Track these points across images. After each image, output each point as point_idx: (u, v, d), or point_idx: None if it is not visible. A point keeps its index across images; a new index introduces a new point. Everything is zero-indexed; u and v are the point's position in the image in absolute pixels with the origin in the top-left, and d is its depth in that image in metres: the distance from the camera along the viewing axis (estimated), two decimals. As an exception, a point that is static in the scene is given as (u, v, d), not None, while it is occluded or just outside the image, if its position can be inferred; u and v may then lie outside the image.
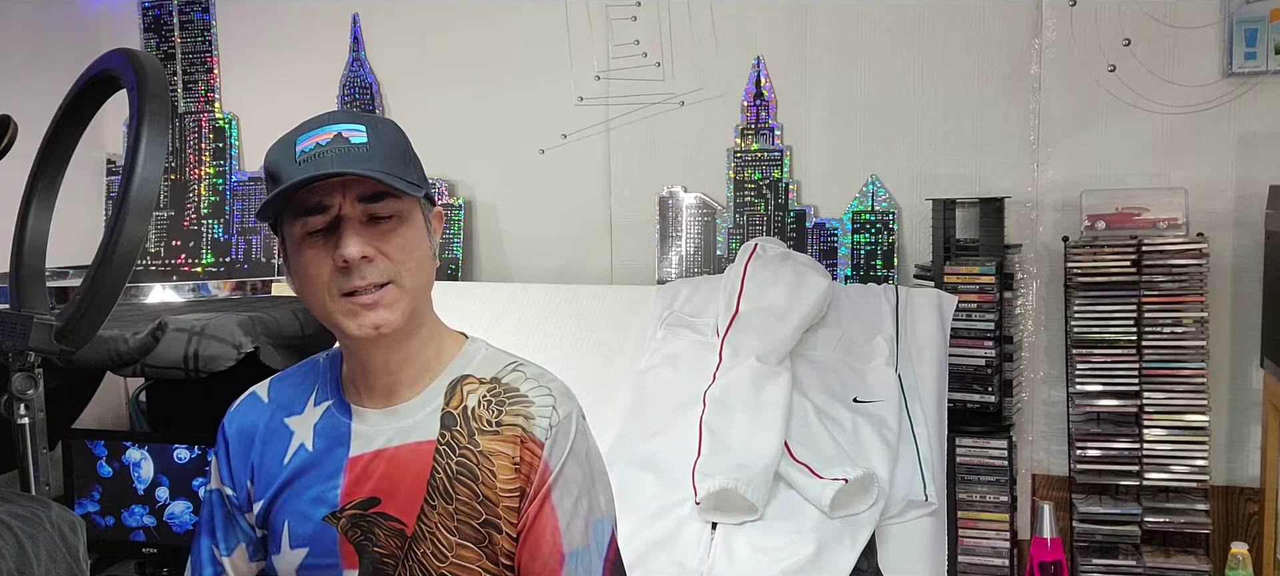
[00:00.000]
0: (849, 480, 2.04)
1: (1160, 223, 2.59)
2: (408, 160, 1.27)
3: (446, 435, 1.27)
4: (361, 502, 1.28)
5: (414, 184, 1.25)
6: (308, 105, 3.71)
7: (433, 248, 1.30)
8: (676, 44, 3.03)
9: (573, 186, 3.14)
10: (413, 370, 1.30)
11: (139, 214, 1.53)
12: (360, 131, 1.23)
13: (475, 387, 1.30)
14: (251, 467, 1.36)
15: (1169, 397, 2.52)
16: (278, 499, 1.33)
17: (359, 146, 1.22)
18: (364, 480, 1.29)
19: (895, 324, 2.45)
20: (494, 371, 1.32)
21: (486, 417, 1.27)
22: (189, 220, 3.45)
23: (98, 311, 1.57)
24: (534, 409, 1.28)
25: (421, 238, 1.27)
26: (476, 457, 1.26)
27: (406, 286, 1.24)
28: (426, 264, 1.28)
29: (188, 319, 2.40)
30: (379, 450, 1.29)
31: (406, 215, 1.25)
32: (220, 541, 1.40)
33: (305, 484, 1.31)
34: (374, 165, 1.21)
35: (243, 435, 1.38)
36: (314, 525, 1.30)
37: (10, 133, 1.79)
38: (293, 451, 1.34)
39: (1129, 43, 2.64)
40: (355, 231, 1.22)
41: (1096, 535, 2.57)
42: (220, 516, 1.40)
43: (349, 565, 1.29)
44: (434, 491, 1.26)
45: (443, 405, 1.29)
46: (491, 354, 1.35)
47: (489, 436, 1.26)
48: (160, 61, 3.04)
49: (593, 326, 2.68)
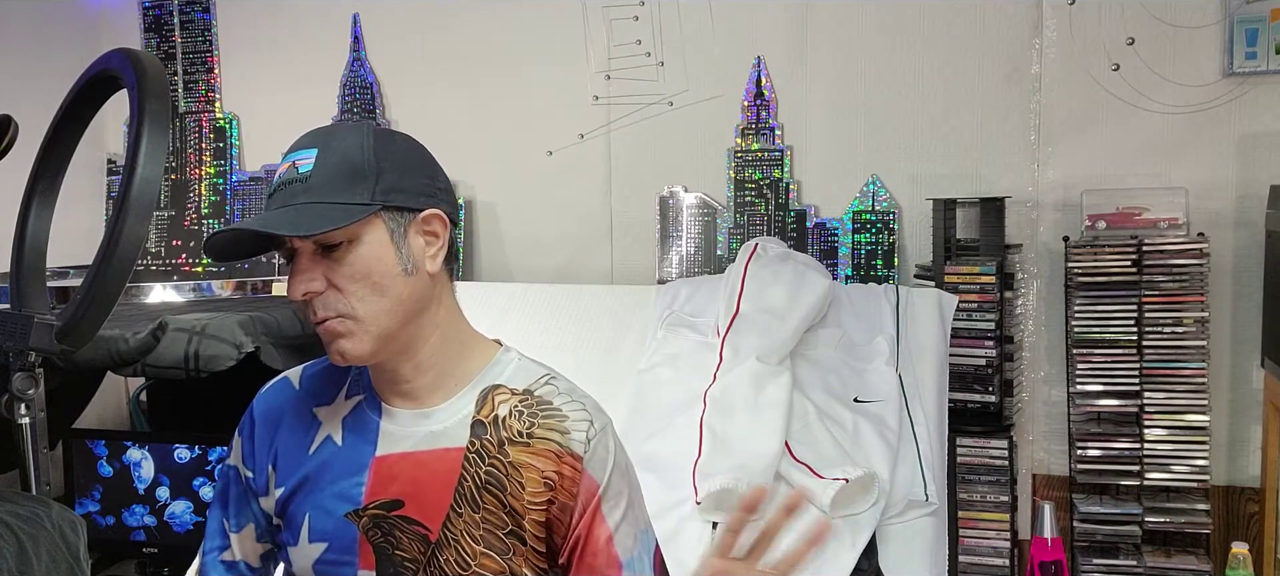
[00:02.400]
0: (849, 480, 2.04)
1: (1161, 222, 2.59)
2: (357, 176, 1.20)
3: (476, 443, 1.26)
4: (385, 503, 1.27)
5: (358, 205, 1.19)
6: (308, 105, 3.73)
7: (405, 261, 1.23)
8: (677, 44, 3.02)
9: (573, 186, 3.14)
10: (431, 376, 1.29)
11: (139, 214, 1.53)
12: (309, 157, 1.21)
13: (507, 398, 1.28)
14: (274, 453, 1.35)
15: (1169, 397, 2.52)
16: (300, 490, 1.32)
17: (304, 177, 1.20)
18: (389, 481, 1.27)
19: (896, 324, 2.45)
20: (526, 383, 1.30)
21: (517, 428, 1.26)
22: (189, 220, 3.45)
23: (98, 311, 1.57)
24: (569, 423, 1.26)
25: (380, 257, 1.21)
26: (506, 468, 1.25)
27: (360, 315, 1.21)
28: (391, 283, 1.22)
29: (188, 319, 2.41)
30: (407, 452, 1.28)
31: (360, 236, 1.20)
32: (231, 516, 1.40)
33: (330, 478, 1.30)
34: (311, 196, 1.19)
35: (269, 418, 1.37)
36: (335, 521, 1.29)
37: (11, 132, 1.79)
38: (319, 443, 1.33)
39: (1133, 41, 2.64)
40: (304, 266, 1.21)
41: (1097, 535, 2.57)
42: (234, 493, 1.39)
43: (365, 565, 1.28)
44: (461, 499, 1.25)
45: (474, 413, 1.27)
46: (525, 365, 1.33)
47: (519, 448, 1.25)
48: (161, 61, 3.04)
49: (593, 326, 2.68)
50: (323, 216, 1.18)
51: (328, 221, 1.18)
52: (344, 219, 1.18)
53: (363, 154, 1.22)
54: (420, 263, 1.24)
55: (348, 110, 3.33)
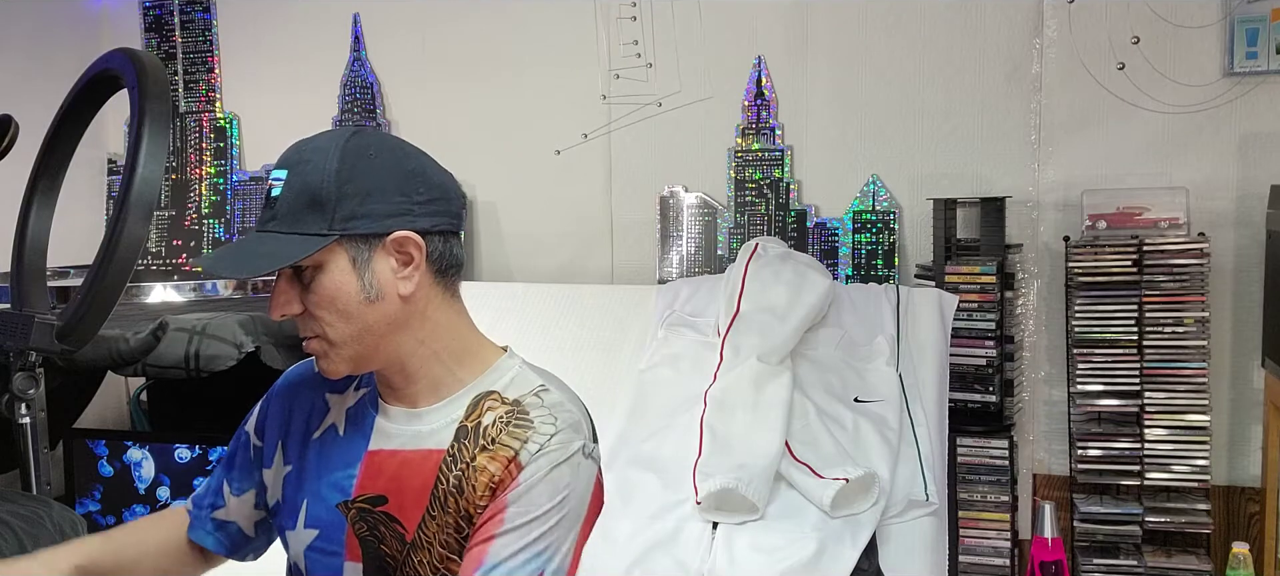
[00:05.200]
0: (850, 480, 2.04)
1: (1161, 222, 2.59)
2: (316, 205, 1.19)
3: (455, 448, 1.26)
4: (371, 498, 1.28)
5: (314, 236, 1.18)
6: (308, 105, 3.73)
7: (368, 289, 1.21)
8: (677, 44, 3.02)
9: (574, 186, 3.14)
10: (424, 383, 1.29)
11: (140, 213, 1.53)
12: (280, 180, 1.22)
13: (496, 406, 1.26)
14: (286, 429, 1.37)
15: (1170, 397, 2.52)
16: (304, 473, 1.34)
17: (273, 202, 1.22)
18: (377, 476, 1.28)
19: (896, 323, 2.45)
20: (519, 393, 1.28)
21: (492, 436, 1.24)
22: (190, 220, 3.45)
23: (99, 311, 1.57)
24: (531, 432, 1.23)
25: (343, 284, 1.20)
26: (470, 473, 1.23)
27: (333, 338, 1.22)
28: (355, 310, 1.21)
29: (189, 318, 2.41)
30: (395, 450, 1.29)
31: (323, 263, 1.20)
32: (234, 480, 1.42)
33: (327, 466, 1.32)
34: (277, 224, 1.20)
35: (288, 390, 1.40)
36: (327, 509, 1.30)
37: (11, 132, 1.80)
38: (324, 428, 1.35)
39: (1138, 40, 2.63)
40: (282, 288, 1.23)
41: (1097, 535, 2.57)
42: (241, 458, 1.42)
43: (352, 557, 1.29)
44: (435, 502, 1.25)
45: (461, 418, 1.27)
46: (524, 373, 1.30)
47: (485, 454, 1.24)
48: (161, 61, 3.03)
49: (594, 326, 2.68)
50: (272, 255, 1.19)
51: (273, 261, 1.19)
52: (299, 252, 1.18)
53: (324, 180, 1.19)
54: (387, 288, 1.22)
55: (348, 110, 3.33)
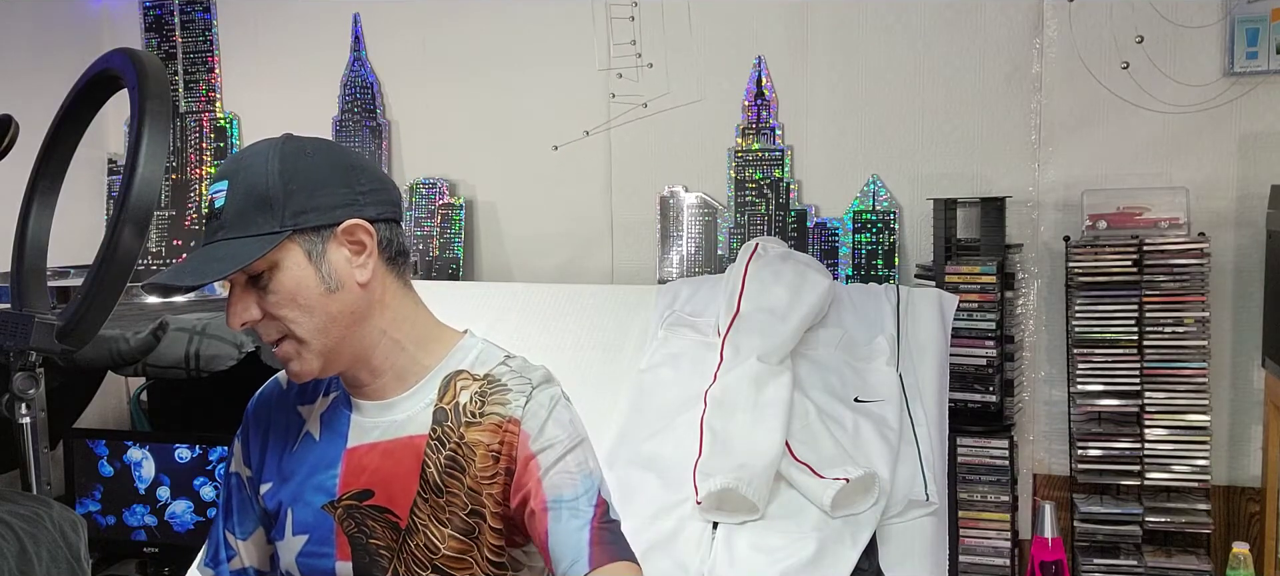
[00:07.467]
0: (850, 479, 2.04)
1: (1161, 222, 2.59)
2: (264, 204, 1.21)
3: (437, 430, 1.29)
4: (356, 493, 1.31)
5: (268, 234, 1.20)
6: (309, 105, 3.73)
7: (327, 279, 1.23)
8: (677, 43, 3.02)
9: (574, 186, 3.14)
10: (391, 375, 1.32)
11: (140, 214, 1.53)
12: (222, 191, 1.23)
13: (468, 383, 1.31)
14: (264, 450, 1.40)
15: (1170, 397, 2.52)
16: (285, 484, 1.36)
17: (219, 212, 1.23)
18: (359, 472, 1.31)
19: (896, 323, 2.44)
20: (487, 368, 1.33)
21: (473, 410, 1.29)
22: (190, 220, 3.45)
23: (99, 311, 1.56)
24: (510, 394, 1.29)
25: (303, 278, 1.22)
26: (464, 450, 1.28)
27: (302, 335, 1.24)
28: (317, 303, 1.23)
29: (189, 318, 2.41)
30: (374, 443, 1.31)
31: (278, 261, 1.22)
32: (236, 526, 1.44)
33: (309, 471, 1.34)
34: (227, 232, 1.21)
35: (259, 415, 1.42)
36: (314, 513, 1.33)
37: (11, 132, 1.79)
38: (301, 439, 1.37)
39: (1142, 39, 2.63)
40: (238, 296, 1.24)
41: (1098, 535, 2.57)
42: (237, 500, 1.43)
43: (342, 556, 1.32)
44: (426, 485, 1.29)
45: (435, 400, 1.31)
46: (487, 350, 1.36)
47: (474, 428, 1.28)
48: (161, 61, 3.03)
49: (594, 326, 2.68)
50: (229, 258, 1.20)
51: (232, 264, 1.19)
52: (256, 251, 1.20)
53: (268, 180, 1.22)
54: (345, 277, 1.25)
55: (348, 110, 3.33)
